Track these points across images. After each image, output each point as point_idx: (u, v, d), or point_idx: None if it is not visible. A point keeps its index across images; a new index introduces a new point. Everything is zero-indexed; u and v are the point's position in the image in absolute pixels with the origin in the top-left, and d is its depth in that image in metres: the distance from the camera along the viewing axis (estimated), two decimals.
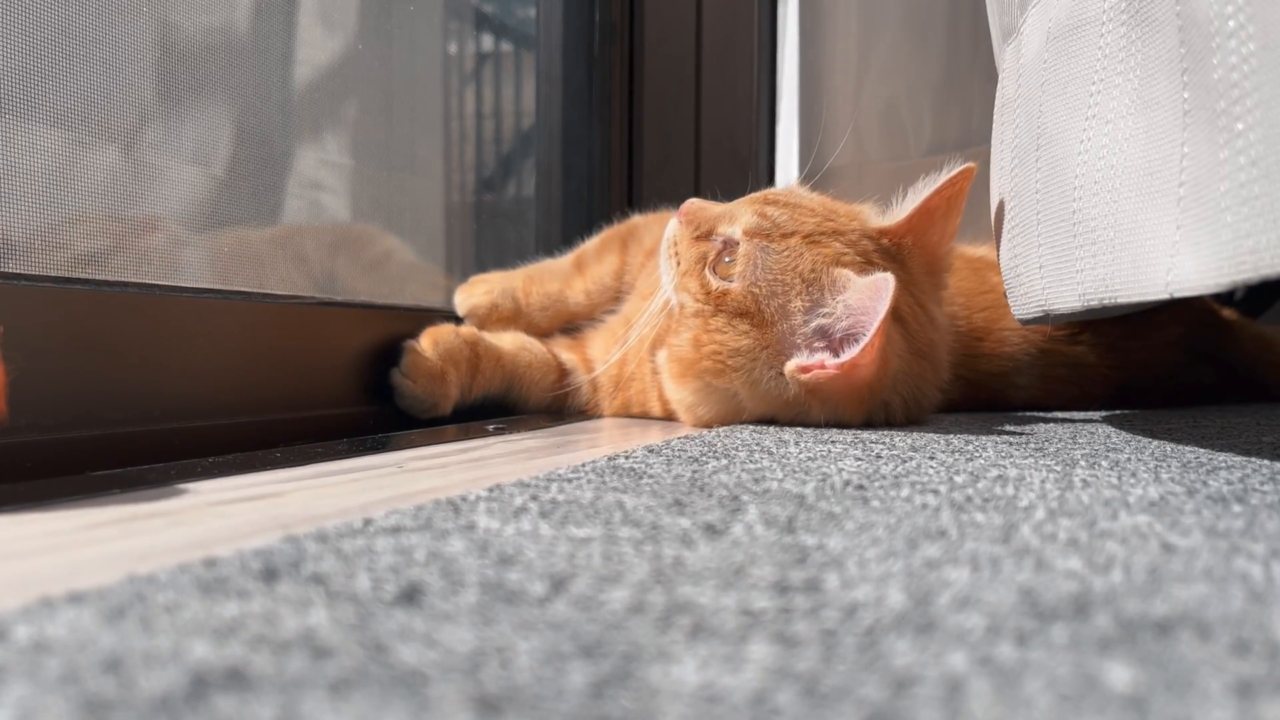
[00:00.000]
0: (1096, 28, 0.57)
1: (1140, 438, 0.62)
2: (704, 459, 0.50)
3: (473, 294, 0.88)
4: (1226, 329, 0.98)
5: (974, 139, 1.25)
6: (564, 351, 0.87)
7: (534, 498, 0.38)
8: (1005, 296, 0.76)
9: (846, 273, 0.66)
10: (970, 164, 0.71)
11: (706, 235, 0.72)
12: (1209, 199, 0.44)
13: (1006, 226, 0.74)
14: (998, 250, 0.78)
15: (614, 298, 0.90)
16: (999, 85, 0.79)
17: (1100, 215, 0.55)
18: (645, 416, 0.82)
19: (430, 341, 0.77)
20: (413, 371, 0.75)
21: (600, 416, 0.85)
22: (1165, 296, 0.48)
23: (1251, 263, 0.41)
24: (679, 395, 0.73)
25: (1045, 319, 0.69)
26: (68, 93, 0.56)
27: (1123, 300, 0.54)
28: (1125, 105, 0.53)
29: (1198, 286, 0.45)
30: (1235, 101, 0.42)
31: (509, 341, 0.83)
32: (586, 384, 0.85)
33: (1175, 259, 0.47)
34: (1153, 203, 0.49)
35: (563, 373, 0.86)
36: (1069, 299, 0.61)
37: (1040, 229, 0.65)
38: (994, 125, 0.80)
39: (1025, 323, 0.75)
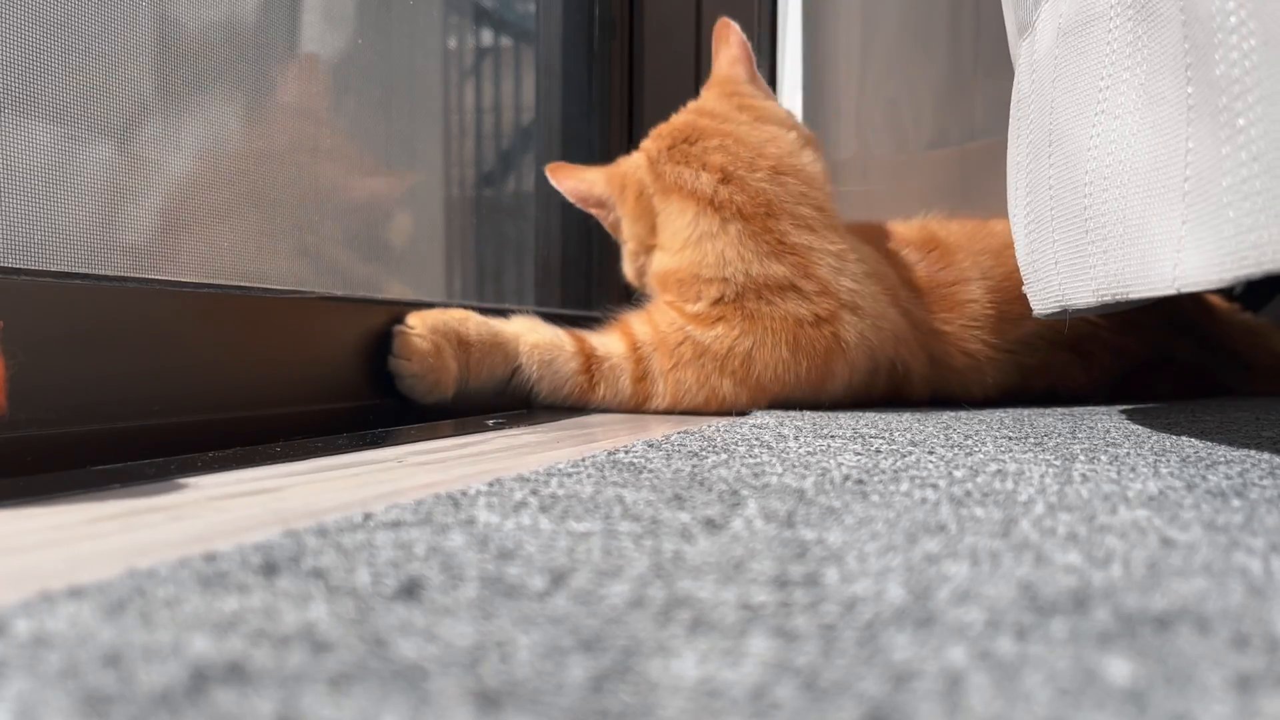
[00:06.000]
0: (1105, 23, 0.57)
1: (1140, 432, 0.62)
2: (703, 454, 0.50)
3: None
4: (1207, 309, 1.00)
5: (977, 133, 1.25)
6: (598, 337, 0.84)
7: (534, 492, 0.38)
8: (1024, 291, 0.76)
9: None
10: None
11: None
12: (1212, 194, 0.44)
13: (1024, 222, 0.73)
14: (1016, 245, 0.78)
15: None
16: (1015, 81, 0.78)
17: (1110, 210, 0.55)
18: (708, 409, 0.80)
19: (417, 319, 0.77)
20: (405, 351, 0.76)
21: (648, 410, 0.82)
22: (1173, 291, 0.48)
23: (1254, 258, 0.41)
24: None
25: (1063, 314, 0.69)
26: (65, 87, 0.56)
27: (1134, 295, 0.53)
28: (1133, 101, 0.53)
29: (1203, 281, 0.45)
30: (1237, 97, 0.42)
31: (516, 323, 0.83)
32: (626, 364, 0.82)
33: (1181, 254, 0.47)
34: (1160, 198, 0.49)
35: (590, 359, 0.83)
36: (1084, 294, 0.60)
37: (1055, 224, 0.65)
38: (1010, 121, 0.79)
39: (1045, 317, 0.75)
